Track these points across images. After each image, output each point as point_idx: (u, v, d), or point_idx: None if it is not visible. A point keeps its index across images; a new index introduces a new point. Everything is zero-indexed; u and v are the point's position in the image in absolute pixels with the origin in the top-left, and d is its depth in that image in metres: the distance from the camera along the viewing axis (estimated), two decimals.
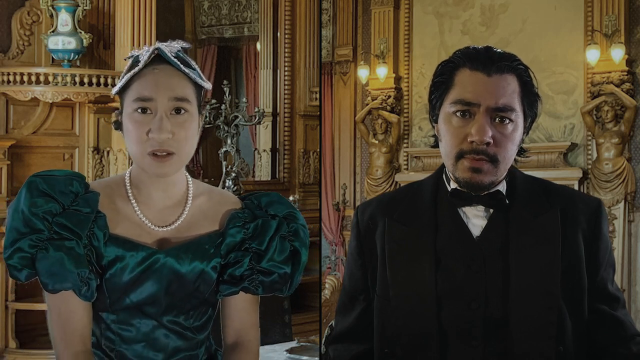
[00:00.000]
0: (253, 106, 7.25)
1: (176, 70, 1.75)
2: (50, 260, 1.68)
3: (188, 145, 1.76)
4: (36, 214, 1.69)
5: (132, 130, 1.74)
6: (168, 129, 1.71)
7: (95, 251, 1.73)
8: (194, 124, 1.77)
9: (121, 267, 1.75)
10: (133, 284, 1.76)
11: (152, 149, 1.72)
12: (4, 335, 5.62)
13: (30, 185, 1.72)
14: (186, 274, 1.78)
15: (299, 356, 3.03)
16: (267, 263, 1.82)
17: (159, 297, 1.77)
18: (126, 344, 1.79)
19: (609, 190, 6.81)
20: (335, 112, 8.33)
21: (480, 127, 1.75)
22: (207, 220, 1.84)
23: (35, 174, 1.77)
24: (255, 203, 1.88)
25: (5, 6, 5.85)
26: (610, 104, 6.79)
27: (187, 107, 1.74)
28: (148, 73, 1.75)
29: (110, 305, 1.77)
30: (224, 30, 8.39)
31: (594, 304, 1.83)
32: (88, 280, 1.70)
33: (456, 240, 1.83)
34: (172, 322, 1.80)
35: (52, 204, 1.71)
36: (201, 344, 1.86)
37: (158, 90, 1.73)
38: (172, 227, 1.80)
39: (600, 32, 6.85)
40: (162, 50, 1.75)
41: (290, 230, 1.85)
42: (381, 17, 8.12)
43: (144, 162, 1.74)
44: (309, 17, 7.39)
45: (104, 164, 6.05)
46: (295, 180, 7.31)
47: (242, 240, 1.83)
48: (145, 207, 1.80)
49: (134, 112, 1.73)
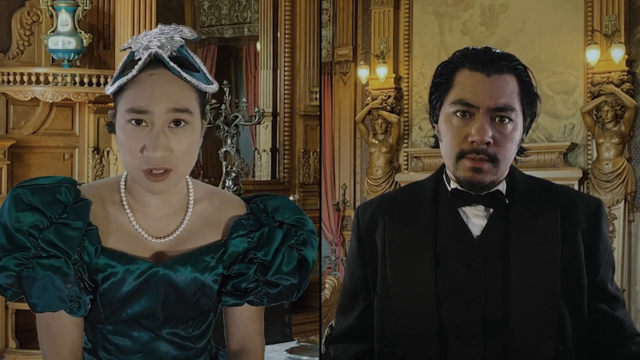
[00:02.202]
0: (253, 106, 7.25)
1: (175, 76, 1.57)
2: (38, 281, 1.55)
3: (188, 160, 1.60)
4: (20, 230, 1.55)
5: (125, 143, 1.57)
6: (165, 146, 1.54)
7: (86, 267, 1.60)
8: (196, 136, 1.60)
9: (115, 281, 1.62)
10: (129, 298, 1.64)
11: (147, 166, 1.56)
12: (4, 335, 5.62)
13: (15, 197, 1.57)
14: (185, 287, 1.66)
15: (299, 356, 3.03)
16: (274, 275, 1.70)
17: (156, 310, 1.67)
18: (123, 355, 1.70)
19: (609, 190, 6.81)
20: (335, 112, 8.33)
21: (480, 127, 1.76)
22: (208, 228, 1.71)
23: (20, 183, 1.62)
24: (261, 207, 1.75)
25: (5, 6, 5.85)
26: (610, 104, 6.78)
27: (187, 118, 1.57)
28: (144, 79, 1.56)
29: (106, 318, 1.67)
30: (224, 30, 8.39)
31: (593, 304, 1.83)
32: (78, 299, 1.59)
33: (456, 240, 1.83)
34: (171, 334, 1.71)
35: (39, 217, 1.56)
36: (201, 353, 1.77)
37: (154, 101, 1.55)
38: (170, 238, 1.67)
39: (600, 32, 6.85)
40: (160, 55, 1.57)
41: (299, 239, 1.73)
42: (381, 17, 8.12)
43: (139, 178, 1.59)
44: (309, 17, 7.39)
45: (104, 164, 6.05)
46: (295, 180, 7.31)
47: (246, 250, 1.70)
48: (142, 217, 1.66)
49: (127, 124, 1.56)
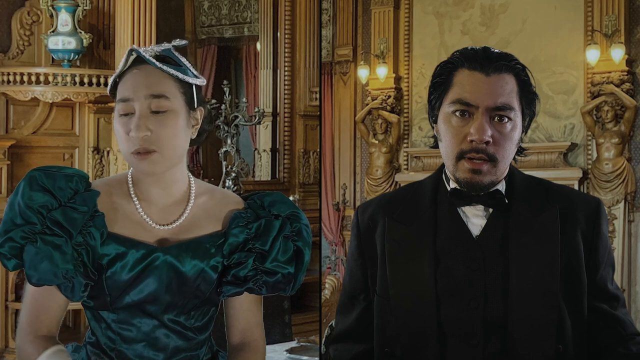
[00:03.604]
0: (253, 106, 7.25)
1: (155, 69, 1.77)
2: (37, 254, 1.69)
3: (172, 143, 1.76)
4: (31, 207, 1.70)
5: (117, 131, 1.77)
6: (145, 127, 1.72)
7: (92, 250, 1.73)
8: (179, 121, 1.77)
9: (121, 264, 1.75)
10: (133, 282, 1.76)
11: (134, 147, 1.73)
12: (4, 335, 5.62)
13: (31, 179, 1.74)
14: (186, 272, 1.78)
15: (299, 356, 3.03)
16: (271, 263, 1.82)
17: (159, 295, 1.78)
18: (127, 344, 1.79)
19: (609, 190, 6.81)
20: (335, 112, 8.33)
21: (479, 125, 1.76)
22: (209, 220, 1.84)
23: (37, 167, 1.78)
24: (258, 203, 1.88)
25: (5, 6, 5.85)
26: (610, 104, 6.78)
27: (165, 104, 1.75)
28: (128, 75, 1.78)
29: (111, 303, 1.77)
30: (224, 30, 8.39)
31: (593, 303, 1.84)
32: (72, 279, 1.71)
33: (456, 240, 1.83)
34: (173, 322, 1.80)
35: (49, 198, 1.72)
36: (202, 344, 1.86)
37: (135, 90, 1.75)
38: (173, 226, 1.81)
39: (600, 32, 6.85)
40: (137, 51, 1.78)
41: (294, 230, 1.86)
42: (381, 17, 8.12)
43: (131, 161, 1.77)
44: (309, 17, 7.39)
45: (104, 164, 6.05)
46: (295, 180, 7.31)
47: (245, 240, 1.83)
48: (147, 205, 1.81)
49: (118, 115, 1.76)
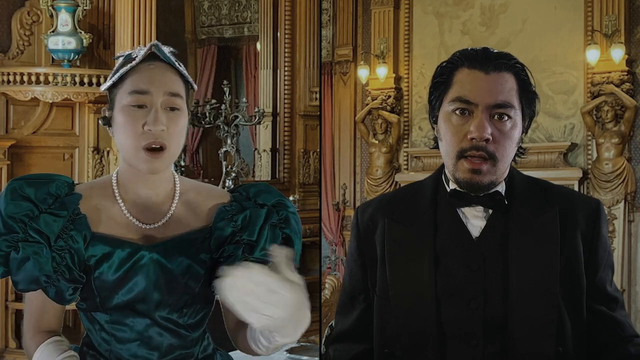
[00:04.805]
0: (253, 106, 7.24)
1: (170, 67, 1.79)
2: (19, 262, 1.72)
3: (179, 141, 1.78)
4: (13, 217, 1.73)
5: (126, 123, 1.76)
6: (163, 122, 1.74)
7: (76, 253, 1.75)
8: (185, 121, 1.80)
9: (108, 264, 1.76)
10: (121, 281, 1.77)
11: (146, 142, 1.74)
12: (4, 335, 5.62)
13: (12, 189, 1.77)
14: (173, 269, 1.79)
15: (299, 356, 3.03)
16: (260, 252, 1.81)
17: (148, 293, 1.78)
18: (121, 344, 1.80)
19: (609, 190, 6.80)
20: (335, 112, 8.33)
21: (479, 123, 1.76)
22: (194, 216, 1.85)
23: (18, 177, 1.81)
24: (243, 195, 1.88)
25: (5, 6, 5.85)
26: (610, 104, 6.78)
27: (179, 103, 1.78)
28: (144, 68, 1.78)
29: (101, 304, 1.78)
30: (224, 30, 8.39)
31: (592, 305, 1.84)
32: (55, 283, 1.73)
33: (455, 241, 1.83)
34: (166, 320, 1.80)
35: (31, 207, 1.74)
36: (196, 342, 1.86)
37: (154, 85, 1.76)
38: (159, 224, 1.81)
39: (600, 32, 6.85)
40: (159, 47, 1.80)
41: (281, 218, 1.85)
42: (381, 17, 8.12)
43: (137, 157, 1.76)
44: (309, 17, 7.39)
45: (104, 164, 6.05)
46: (295, 180, 7.31)
47: (232, 233, 1.82)
48: (132, 206, 1.82)
49: (129, 106, 1.75)
